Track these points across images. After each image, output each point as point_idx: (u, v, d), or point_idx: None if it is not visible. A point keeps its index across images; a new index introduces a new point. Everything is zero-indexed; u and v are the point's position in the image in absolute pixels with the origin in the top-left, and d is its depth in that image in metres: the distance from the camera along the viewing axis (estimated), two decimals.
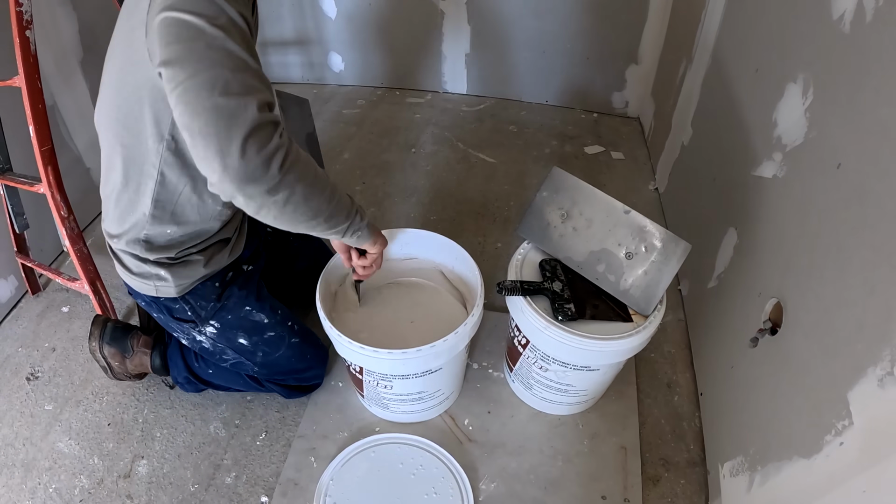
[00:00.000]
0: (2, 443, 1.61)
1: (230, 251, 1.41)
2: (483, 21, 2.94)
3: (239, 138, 0.92)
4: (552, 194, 1.44)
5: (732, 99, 1.68)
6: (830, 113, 1.12)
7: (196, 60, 0.92)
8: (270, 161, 0.95)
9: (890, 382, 0.84)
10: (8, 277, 1.99)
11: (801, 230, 1.18)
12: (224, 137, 0.92)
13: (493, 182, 2.57)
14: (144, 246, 1.28)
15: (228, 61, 0.93)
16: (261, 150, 0.94)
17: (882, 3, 0.97)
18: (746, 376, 1.35)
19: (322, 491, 1.44)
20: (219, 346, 1.49)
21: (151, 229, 1.25)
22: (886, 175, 0.91)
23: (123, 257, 1.33)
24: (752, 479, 1.22)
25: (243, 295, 1.46)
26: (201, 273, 1.36)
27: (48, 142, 1.64)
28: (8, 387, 1.75)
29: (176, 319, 1.43)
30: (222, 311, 1.44)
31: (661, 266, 1.34)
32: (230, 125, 0.92)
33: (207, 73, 0.92)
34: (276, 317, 1.51)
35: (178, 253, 1.31)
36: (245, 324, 1.47)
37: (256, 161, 0.94)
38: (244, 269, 1.50)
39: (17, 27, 1.51)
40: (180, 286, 1.34)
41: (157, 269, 1.30)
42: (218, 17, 0.94)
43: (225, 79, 0.92)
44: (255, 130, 0.93)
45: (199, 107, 0.92)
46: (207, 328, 1.44)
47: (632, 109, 3.09)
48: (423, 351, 1.27)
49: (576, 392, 1.48)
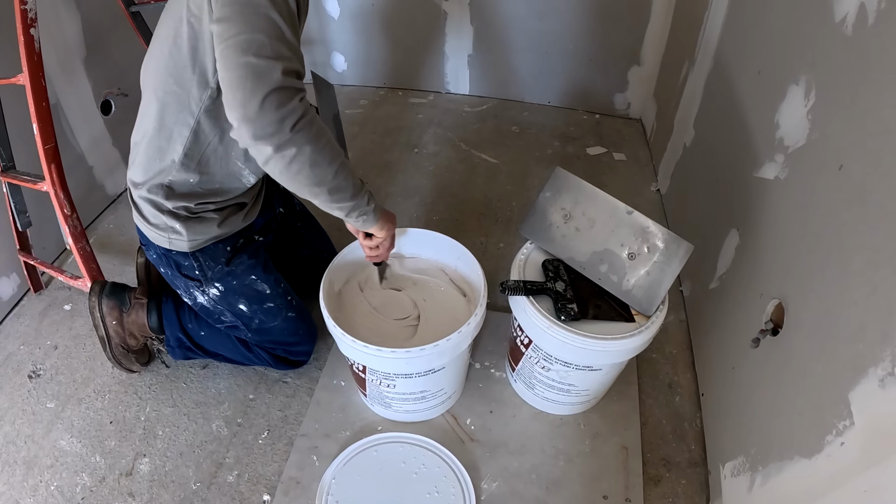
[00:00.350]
0: (3, 440, 1.61)
1: (245, 215, 1.48)
2: (486, 22, 2.94)
3: (260, 94, 1.03)
4: (555, 194, 1.44)
5: (735, 100, 1.68)
6: (832, 115, 1.13)
7: (242, 22, 1.04)
8: (284, 120, 1.06)
9: (891, 382, 0.84)
10: (10, 275, 1.99)
11: (803, 231, 1.19)
12: (248, 90, 1.04)
13: (496, 182, 2.58)
14: (166, 192, 1.35)
15: (269, 28, 1.05)
16: (278, 109, 1.05)
17: (884, 5, 0.98)
18: (748, 377, 1.36)
19: (324, 490, 1.44)
20: (219, 307, 1.54)
21: (177, 176, 1.33)
22: (888, 176, 0.91)
23: (142, 206, 1.40)
24: (753, 479, 1.22)
25: (252, 263, 1.52)
26: (215, 232, 1.42)
27: (52, 140, 1.65)
28: (10, 384, 1.76)
29: (183, 276, 1.49)
30: (229, 276, 1.50)
31: (663, 267, 1.34)
32: (256, 82, 1.03)
33: (247, 35, 1.04)
34: (278, 289, 1.57)
35: (197, 205, 1.38)
36: (248, 291, 1.53)
37: (271, 117, 1.05)
38: (255, 239, 1.57)
39: (21, 25, 1.52)
40: (193, 241, 1.40)
41: (174, 221, 1.37)
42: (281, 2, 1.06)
43: (260, 42, 1.04)
44: (276, 91, 1.04)
45: (234, 62, 1.04)
46: (211, 290, 1.50)
47: (634, 111, 3.09)
48: (427, 350, 1.28)
49: (578, 392, 1.49)
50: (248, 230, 1.53)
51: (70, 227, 1.73)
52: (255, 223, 1.55)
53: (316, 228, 1.87)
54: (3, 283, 1.97)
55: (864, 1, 1.04)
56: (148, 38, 2.24)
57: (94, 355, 1.83)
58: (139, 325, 1.64)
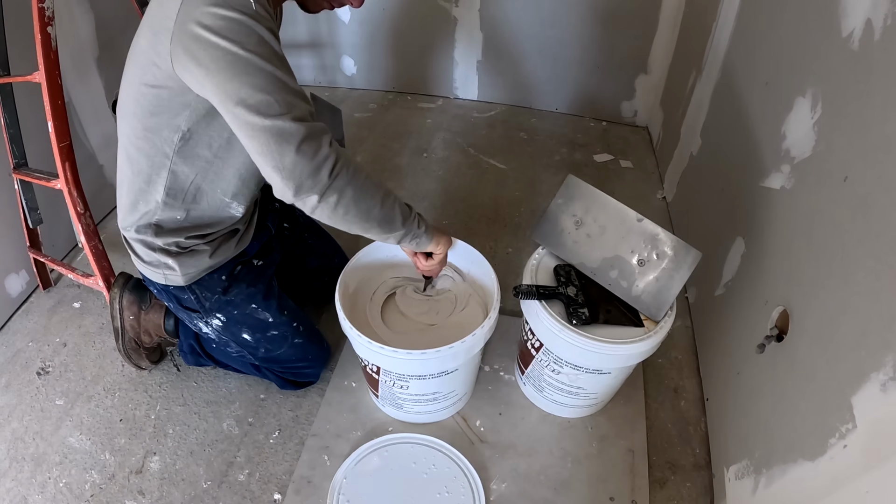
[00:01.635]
0: (11, 437, 1.62)
1: (237, 242, 1.47)
2: (495, 29, 2.96)
3: (290, 154, 1.05)
4: (567, 201, 1.47)
5: (742, 111, 1.70)
6: (838, 127, 1.15)
7: (239, 84, 1.02)
8: (319, 170, 1.08)
9: (892, 387, 0.86)
10: (19, 272, 2.00)
11: (808, 240, 1.20)
12: (276, 153, 1.05)
13: (504, 188, 2.59)
14: (154, 230, 1.35)
15: (267, 83, 1.03)
16: (311, 161, 1.06)
17: (890, 22, 1.00)
18: (752, 382, 1.37)
19: (336, 489, 1.46)
20: (223, 337, 1.54)
21: (163, 215, 1.33)
22: (891, 188, 0.93)
23: (135, 245, 1.40)
24: (757, 481, 1.24)
25: (251, 292, 1.50)
26: (207, 263, 1.41)
27: (66, 138, 1.65)
28: (18, 381, 1.76)
29: (184, 308, 1.49)
30: (228, 306, 1.48)
31: (672, 273, 1.37)
32: (280, 144, 1.04)
33: (253, 99, 1.02)
34: (282, 316, 1.55)
35: (186, 238, 1.37)
36: (250, 321, 1.52)
37: (306, 171, 1.06)
38: (254, 264, 1.54)
39: (38, 23, 1.52)
40: (187, 275, 1.40)
41: (166, 257, 1.37)
42: (248, 40, 1.02)
43: (267, 102, 1.03)
44: (302, 143, 1.05)
45: (251, 131, 1.05)
46: (213, 321, 1.50)
47: (641, 119, 3.11)
48: (442, 352, 1.30)
49: (586, 395, 1.51)
50: (242, 256, 1.51)
51: (83, 225, 1.73)
52: (249, 248, 1.53)
53: (324, 237, 1.87)
54: (12, 279, 1.98)
55: (870, 17, 1.06)
56: None
57: (103, 353, 1.84)
58: (155, 324, 1.65)
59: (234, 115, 1.04)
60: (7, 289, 1.96)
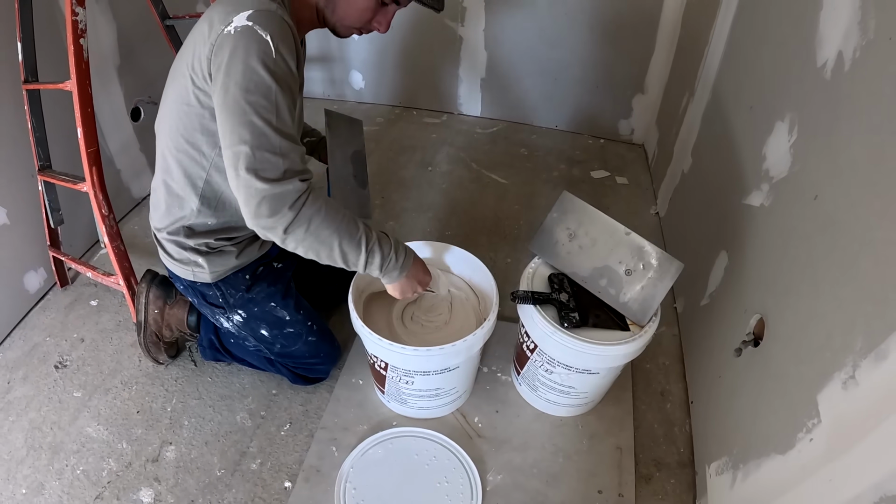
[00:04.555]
0: (29, 426, 1.66)
1: (260, 245, 1.57)
2: (499, 48, 3.02)
3: (252, 207, 1.16)
4: (561, 215, 1.55)
5: (729, 132, 1.76)
6: (811, 150, 1.22)
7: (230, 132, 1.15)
8: (275, 226, 1.18)
9: (852, 385, 0.93)
10: (38, 269, 2.05)
11: (783, 253, 1.28)
12: (243, 201, 1.17)
13: (505, 201, 2.65)
14: (186, 232, 1.45)
15: (252, 137, 1.14)
16: (269, 217, 1.17)
17: (858, 55, 1.07)
18: (732, 384, 1.44)
19: (343, 477, 1.52)
20: (243, 332, 1.62)
21: (196, 220, 1.43)
22: (854, 206, 1.02)
23: (167, 245, 1.49)
24: (735, 476, 1.30)
25: (271, 291, 1.59)
26: (233, 263, 1.51)
27: (94, 144, 1.69)
28: (35, 373, 1.80)
29: (208, 304, 1.57)
30: (250, 304, 1.57)
31: (656, 282, 1.45)
32: (247, 195, 1.16)
33: (234, 148, 1.15)
34: (298, 315, 1.63)
35: (216, 240, 1.47)
36: (269, 317, 1.60)
37: (265, 223, 1.18)
38: (274, 266, 1.64)
39: (72, 35, 1.57)
40: (214, 273, 1.50)
41: (196, 256, 1.47)
42: (262, 97, 1.14)
43: (245, 154, 1.14)
44: (265, 202, 1.15)
45: (232, 173, 1.17)
46: (234, 316, 1.58)
47: (637, 136, 3.15)
48: (445, 349, 1.38)
49: (577, 394, 1.58)
50: (265, 258, 1.62)
51: (107, 226, 1.77)
52: (271, 251, 1.63)
53: None
54: (30, 276, 2.02)
55: (842, 49, 1.13)
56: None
57: (121, 349, 1.88)
58: (178, 319, 1.73)
59: (224, 153, 1.18)
60: (25, 285, 2.01)
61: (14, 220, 1.92)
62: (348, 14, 1.34)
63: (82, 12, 1.58)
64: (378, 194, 2.67)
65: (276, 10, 1.17)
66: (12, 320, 1.98)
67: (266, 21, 1.14)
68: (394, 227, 2.47)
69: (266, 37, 1.13)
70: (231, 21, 1.14)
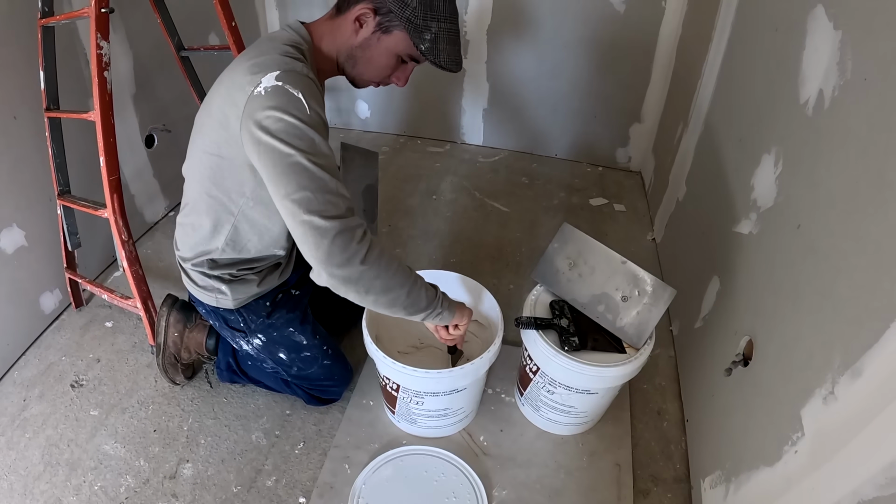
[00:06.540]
0: (46, 443, 1.67)
1: (280, 274, 1.62)
2: (501, 80, 3.08)
3: (324, 248, 1.18)
4: (562, 245, 1.62)
5: (720, 163, 1.82)
6: (795, 182, 1.27)
7: (286, 182, 1.18)
8: (350, 262, 1.20)
9: (831, 400, 0.99)
10: (54, 290, 2.08)
11: (769, 278, 1.34)
12: (312, 245, 1.19)
13: (507, 229, 2.69)
14: (210, 264, 1.52)
15: (310, 182, 1.18)
16: (342, 253, 1.19)
17: (837, 93, 1.13)
18: (724, 402, 1.50)
19: (356, 493, 1.56)
20: (261, 355, 1.68)
21: (220, 255, 1.49)
22: (832, 235, 1.08)
23: (192, 273, 1.56)
24: (727, 489, 1.35)
25: (290, 318, 1.65)
26: (255, 291, 1.57)
27: (116, 172, 1.73)
28: (52, 392, 1.82)
29: (230, 328, 1.63)
30: (270, 329, 1.63)
31: (651, 308, 1.52)
32: (316, 237, 1.18)
33: (296, 195, 1.17)
34: (315, 340, 1.69)
35: (238, 271, 1.53)
36: (287, 342, 1.66)
37: (338, 261, 1.19)
38: (292, 293, 1.70)
39: (96, 68, 1.62)
40: (237, 300, 1.56)
41: (219, 283, 1.53)
42: (300, 143, 1.17)
43: (308, 199, 1.17)
44: (336, 238, 1.17)
45: (293, 222, 1.19)
46: (255, 340, 1.63)
47: (634, 164, 3.20)
48: (454, 372, 1.46)
49: (577, 413, 1.63)
50: (284, 286, 1.66)
51: (126, 251, 1.80)
52: (290, 279, 1.68)
53: None
54: (46, 297, 2.05)
55: (822, 87, 1.18)
56: (194, 82, 2.36)
57: (137, 369, 1.91)
58: (197, 342, 1.78)
59: (282, 205, 1.20)
60: (41, 305, 2.04)
61: (32, 242, 1.96)
62: (368, 70, 1.40)
63: (106, 46, 1.62)
64: (385, 222, 2.70)
65: (301, 69, 1.23)
66: (27, 339, 2.01)
67: (295, 81, 1.20)
68: (401, 255, 2.51)
69: (298, 94, 1.18)
70: (260, 82, 1.18)
